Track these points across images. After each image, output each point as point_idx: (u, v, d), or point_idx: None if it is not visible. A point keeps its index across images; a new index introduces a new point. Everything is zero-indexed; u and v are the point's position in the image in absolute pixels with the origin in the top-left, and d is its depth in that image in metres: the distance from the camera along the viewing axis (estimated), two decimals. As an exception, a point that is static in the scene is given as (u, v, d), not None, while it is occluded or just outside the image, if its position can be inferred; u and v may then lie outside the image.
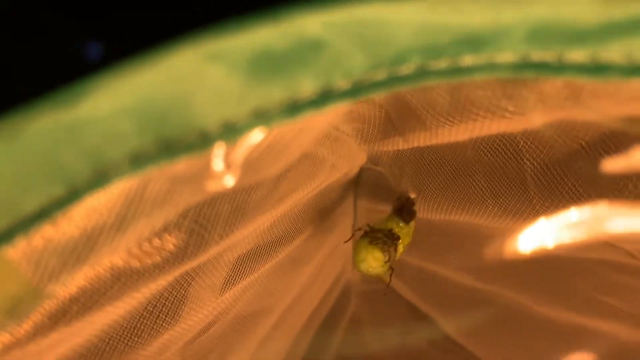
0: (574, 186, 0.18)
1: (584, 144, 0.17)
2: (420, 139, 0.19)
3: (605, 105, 0.13)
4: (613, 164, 0.16)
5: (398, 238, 0.24)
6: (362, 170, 0.30)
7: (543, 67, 0.11)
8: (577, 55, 0.11)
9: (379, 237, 0.24)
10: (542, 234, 0.21)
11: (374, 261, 0.23)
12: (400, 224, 0.24)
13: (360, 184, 0.33)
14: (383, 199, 0.31)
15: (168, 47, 0.10)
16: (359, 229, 0.26)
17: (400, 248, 0.24)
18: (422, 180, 0.24)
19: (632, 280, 0.26)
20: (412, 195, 0.25)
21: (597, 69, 0.11)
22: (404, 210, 0.24)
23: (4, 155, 0.10)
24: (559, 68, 0.11)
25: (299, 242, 0.27)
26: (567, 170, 0.18)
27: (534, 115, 0.14)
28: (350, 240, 0.37)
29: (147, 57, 0.10)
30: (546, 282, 0.30)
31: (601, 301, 0.29)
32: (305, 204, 0.24)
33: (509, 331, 0.35)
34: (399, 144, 0.21)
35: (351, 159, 0.24)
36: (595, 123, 0.15)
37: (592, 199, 0.18)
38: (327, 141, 0.20)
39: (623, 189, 0.17)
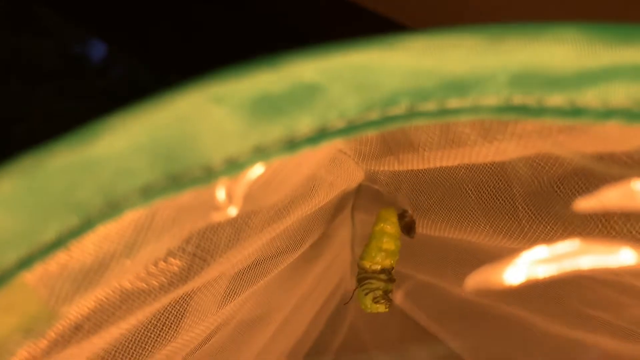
0: (559, 213, 0.19)
1: (554, 179, 0.17)
2: (414, 162, 0.19)
3: (576, 144, 0.14)
4: (581, 203, 0.17)
5: (390, 271, 0.25)
6: (359, 186, 0.31)
7: (524, 110, 0.12)
8: (556, 99, 0.12)
9: (376, 289, 0.25)
10: (533, 256, 0.21)
11: (380, 310, 0.25)
12: (384, 215, 0.25)
13: (357, 197, 0.33)
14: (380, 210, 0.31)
15: (176, 90, 0.11)
16: (356, 289, 0.27)
17: (398, 243, 0.26)
18: (418, 198, 0.25)
19: (621, 296, 0.27)
20: (410, 211, 0.26)
21: (574, 112, 0.12)
22: (411, 228, 0.26)
23: (25, 189, 0.11)
24: (539, 111, 0.12)
25: (297, 254, 0.28)
26: (539, 209, 0.19)
27: (509, 151, 0.15)
28: (352, 251, 0.38)
29: (156, 99, 0.11)
30: (539, 296, 0.31)
31: (592, 315, 0.30)
32: (304, 220, 0.25)
33: (510, 346, 0.35)
34: (394, 165, 0.22)
35: (349, 177, 0.24)
36: (565, 159, 0.16)
37: (567, 234, 0.19)
38: (327, 162, 0.21)
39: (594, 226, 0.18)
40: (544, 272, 0.22)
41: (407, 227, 0.26)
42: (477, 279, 0.28)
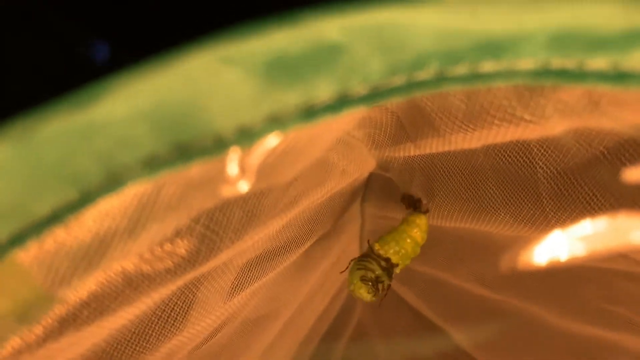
0: (590, 195, 0.18)
1: (603, 151, 0.16)
2: (433, 146, 0.18)
3: (624, 113, 0.13)
4: (632, 173, 0.16)
5: (393, 265, 0.24)
6: (369, 178, 0.30)
7: (563, 75, 0.11)
8: (598, 62, 0.11)
9: (370, 270, 0.24)
10: (556, 244, 0.20)
11: (362, 295, 0.24)
12: (417, 220, 0.24)
13: (367, 191, 0.33)
14: (390, 206, 0.30)
15: (184, 50, 0.10)
16: (354, 260, 0.26)
17: (417, 250, 0.25)
18: (433, 187, 0.24)
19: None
20: (423, 201, 0.25)
21: (618, 77, 0.11)
22: (416, 204, 0.25)
23: (17, 157, 0.09)
24: (579, 76, 0.11)
25: (306, 248, 0.27)
26: (583, 178, 0.18)
27: (551, 123, 0.14)
28: (359, 243, 0.37)
29: (162, 60, 0.10)
30: (556, 292, 0.30)
31: (612, 311, 0.29)
32: (314, 210, 0.24)
33: (521, 343, 0.34)
34: (410, 150, 0.21)
35: (361, 164, 0.23)
36: (613, 131, 0.15)
37: (609, 208, 0.17)
38: (339, 146, 0.20)
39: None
40: (566, 261, 0.21)
41: (414, 204, 0.25)
42: (493, 269, 0.27)
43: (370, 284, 0.24)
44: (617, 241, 0.18)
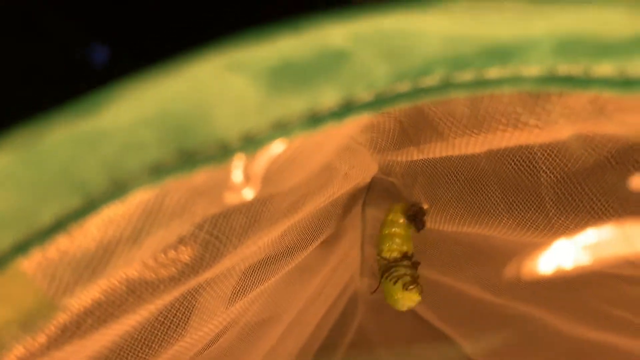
0: (594, 200, 0.18)
1: (608, 156, 0.16)
2: (436, 150, 0.18)
3: (630, 119, 0.13)
4: (638, 179, 0.16)
5: (409, 256, 0.24)
6: (371, 181, 0.30)
7: (569, 81, 0.11)
8: (604, 69, 0.11)
9: (403, 273, 0.24)
10: (560, 250, 0.20)
11: (413, 302, 0.24)
12: (404, 224, 0.24)
13: (369, 196, 0.32)
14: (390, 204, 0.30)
15: (189, 57, 0.10)
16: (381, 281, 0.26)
17: (408, 231, 0.25)
18: (435, 191, 0.24)
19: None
20: (425, 207, 0.25)
21: (625, 83, 0.11)
22: (417, 219, 0.24)
23: (21, 164, 0.09)
24: (585, 82, 0.11)
25: (307, 253, 0.27)
26: (587, 183, 0.18)
27: (556, 128, 0.13)
28: (361, 251, 0.37)
29: (167, 66, 0.10)
30: (560, 297, 0.30)
31: (617, 316, 0.29)
32: (316, 215, 0.24)
33: (525, 348, 0.34)
34: (413, 155, 0.20)
35: (364, 168, 0.23)
36: (619, 136, 0.15)
37: (613, 214, 0.17)
38: (342, 151, 0.20)
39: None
40: (569, 265, 0.21)
41: (414, 217, 0.25)
42: (496, 273, 0.27)
43: (413, 286, 0.24)
44: (622, 247, 0.18)
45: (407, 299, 0.24)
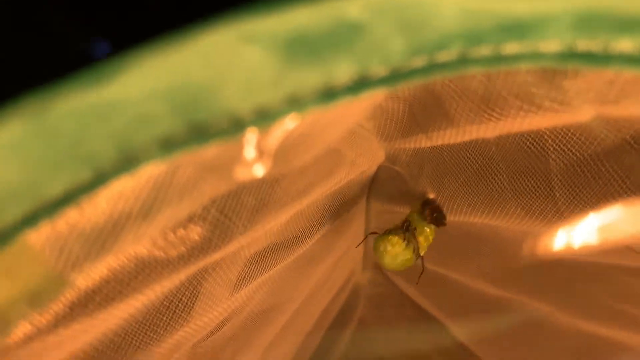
0: (612, 182, 0.17)
1: (627, 139, 0.16)
2: (446, 136, 0.18)
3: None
4: None
5: (415, 229, 0.24)
6: (376, 172, 0.30)
7: (588, 58, 0.11)
8: (625, 45, 0.11)
9: (395, 230, 0.23)
10: (566, 239, 0.20)
11: (392, 247, 0.23)
12: (425, 227, 0.24)
13: (374, 185, 0.32)
14: (396, 201, 0.30)
15: (202, 27, 0.10)
16: (373, 233, 0.25)
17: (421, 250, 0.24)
18: (442, 181, 0.24)
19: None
20: (432, 196, 0.24)
21: (645, 59, 0.11)
22: (435, 214, 0.24)
23: (29, 135, 0.09)
24: (605, 58, 0.11)
25: (312, 242, 0.27)
26: (604, 165, 0.17)
27: (572, 110, 0.13)
28: (364, 244, 0.36)
29: (179, 38, 0.10)
30: (561, 288, 0.30)
31: (618, 309, 0.29)
32: (322, 202, 0.24)
33: (524, 339, 0.34)
34: (421, 142, 0.20)
35: (371, 156, 0.23)
36: (638, 117, 0.15)
37: (631, 195, 0.17)
38: (349, 137, 0.19)
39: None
40: (575, 254, 0.21)
41: (433, 214, 0.24)
42: (498, 264, 0.27)
43: (398, 233, 0.23)
44: (628, 233, 0.18)
45: (388, 244, 0.23)
